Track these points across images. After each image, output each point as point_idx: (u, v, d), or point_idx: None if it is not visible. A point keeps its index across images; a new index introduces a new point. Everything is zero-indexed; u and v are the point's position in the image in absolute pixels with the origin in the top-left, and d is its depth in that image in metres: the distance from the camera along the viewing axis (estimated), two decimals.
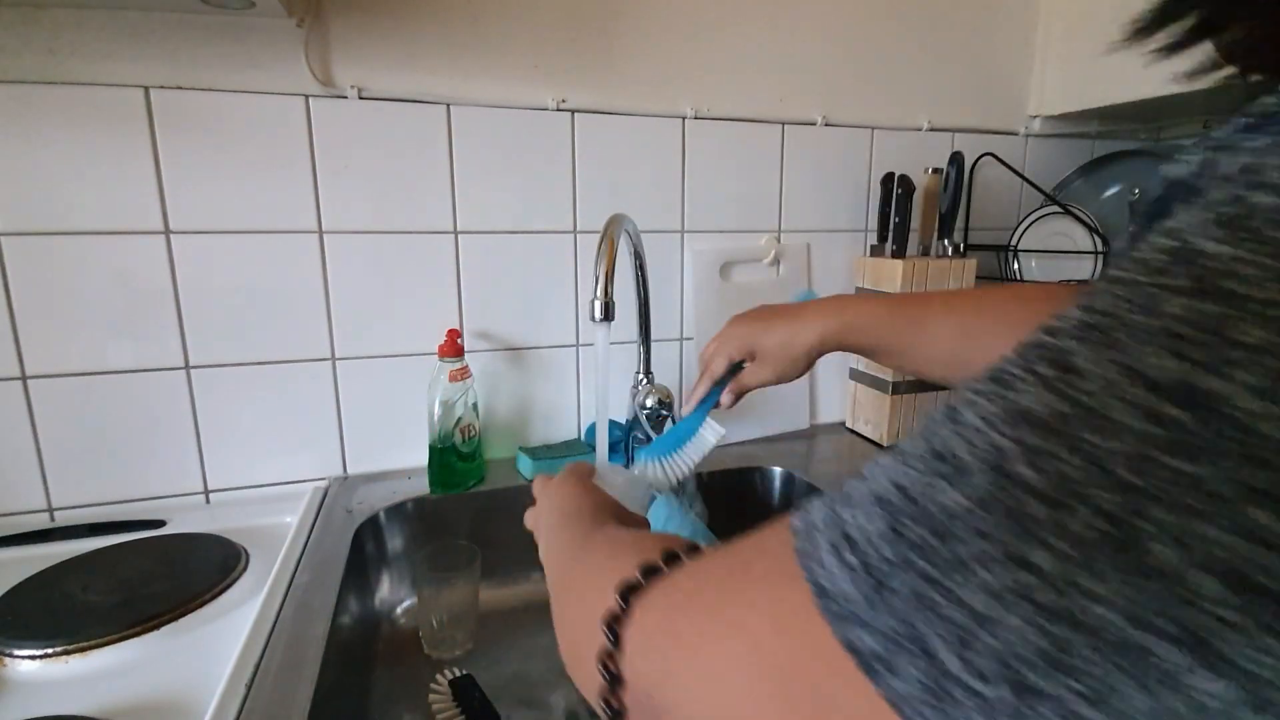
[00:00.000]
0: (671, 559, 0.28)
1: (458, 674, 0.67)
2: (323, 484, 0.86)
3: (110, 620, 0.58)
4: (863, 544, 0.19)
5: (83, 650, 0.56)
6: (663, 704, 0.25)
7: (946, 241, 1.00)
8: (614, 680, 0.27)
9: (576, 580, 0.35)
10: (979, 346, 0.52)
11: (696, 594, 0.25)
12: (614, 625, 0.27)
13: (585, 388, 0.97)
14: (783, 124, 0.99)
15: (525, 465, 0.89)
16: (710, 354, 0.65)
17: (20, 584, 0.64)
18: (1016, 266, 1.10)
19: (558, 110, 0.88)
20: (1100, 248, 1.01)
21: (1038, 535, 0.16)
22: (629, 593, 0.27)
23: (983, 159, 1.05)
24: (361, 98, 0.80)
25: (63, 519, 0.78)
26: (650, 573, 0.28)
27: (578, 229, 0.92)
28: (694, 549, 0.29)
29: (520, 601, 0.85)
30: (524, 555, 0.87)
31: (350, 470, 0.88)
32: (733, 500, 0.93)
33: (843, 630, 0.19)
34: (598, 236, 0.65)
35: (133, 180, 0.74)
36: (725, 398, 0.64)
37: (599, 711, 0.28)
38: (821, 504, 0.22)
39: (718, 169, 0.97)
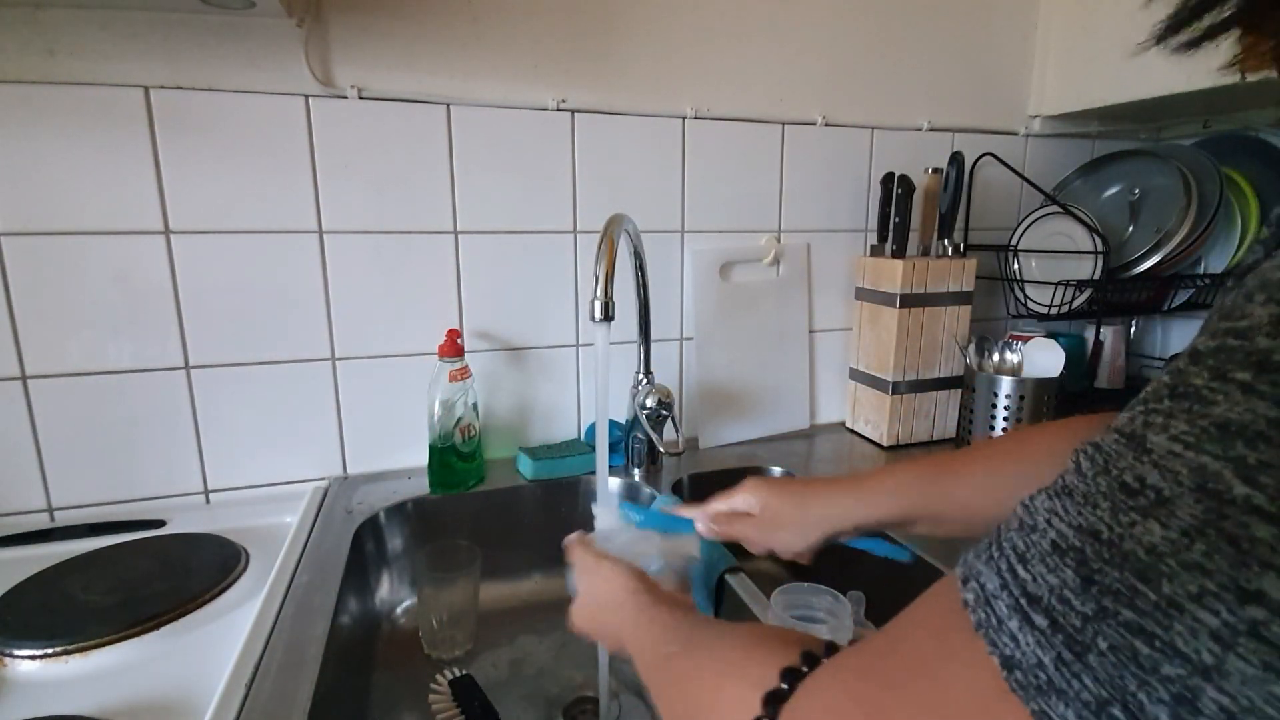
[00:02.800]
0: (810, 660, 0.27)
1: (458, 674, 0.67)
2: (323, 484, 0.86)
3: (110, 620, 0.58)
4: (1049, 600, 0.17)
5: (83, 650, 0.55)
6: None
7: (946, 241, 1.00)
8: None
9: (689, 673, 0.33)
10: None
11: (862, 694, 0.22)
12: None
13: (585, 388, 0.97)
14: (783, 124, 0.99)
15: (525, 465, 0.89)
16: (730, 494, 0.57)
17: (20, 584, 0.64)
18: (1016, 266, 1.10)
19: (558, 110, 0.88)
20: (1100, 247, 1.01)
21: (1269, 561, 0.14)
22: (774, 700, 0.26)
23: (983, 159, 1.05)
24: (361, 98, 0.80)
25: (63, 519, 0.78)
26: (793, 676, 0.26)
27: (578, 229, 0.92)
28: (832, 647, 0.28)
29: (520, 601, 0.85)
30: (524, 555, 0.88)
31: (350, 470, 0.88)
32: None
33: (1038, 703, 0.16)
34: (598, 236, 0.65)
35: (133, 180, 0.74)
36: (702, 528, 0.57)
37: None
38: (987, 566, 0.19)
39: (718, 169, 0.97)
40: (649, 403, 0.88)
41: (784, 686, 0.26)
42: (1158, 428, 0.17)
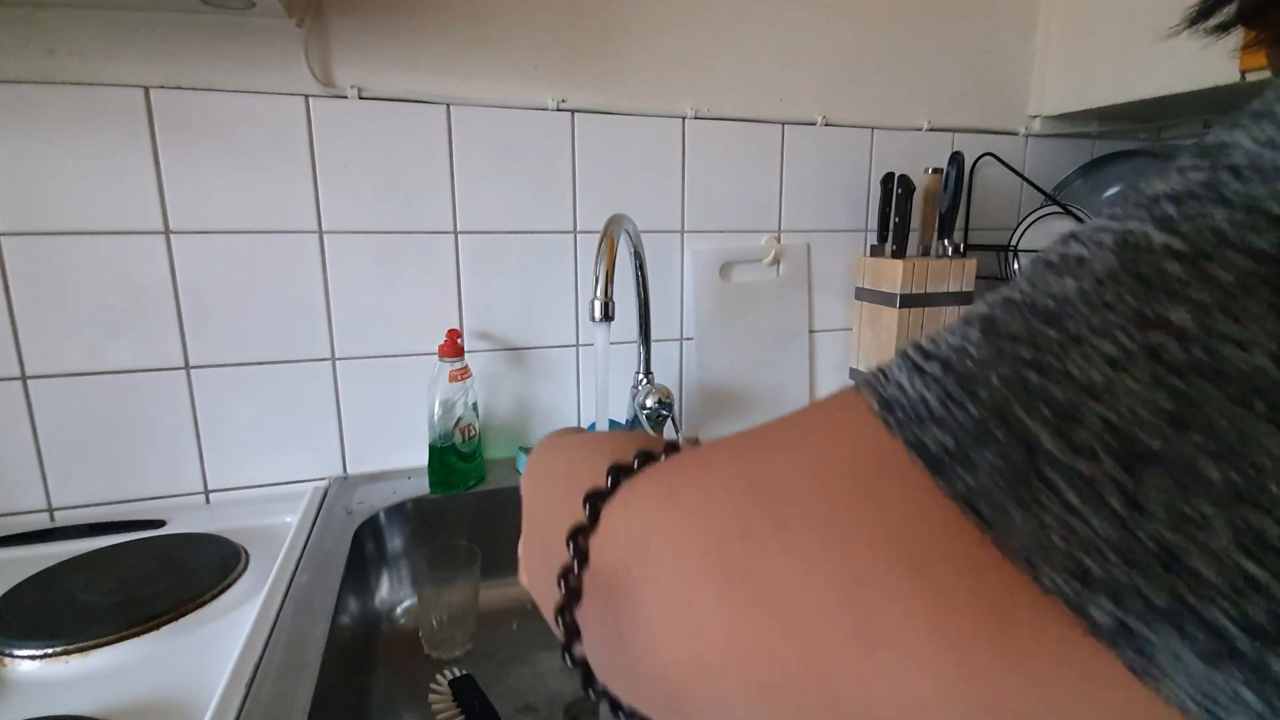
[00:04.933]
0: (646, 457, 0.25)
1: (458, 674, 0.67)
2: (323, 484, 0.86)
3: (110, 620, 0.58)
4: (945, 351, 0.17)
5: (83, 650, 0.56)
6: (628, 578, 0.21)
7: (946, 241, 1.00)
8: (580, 558, 0.23)
9: (557, 480, 0.30)
10: None
11: (715, 449, 0.21)
12: (596, 501, 0.24)
13: (585, 388, 0.97)
14: (783, 124, 0.99)
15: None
16: None
17: (20, 584, 0.64)
18: (1017, 266, 1.10)
19: (558, 110, 0.88)
20: None
21: (1175, 291, 0.14)
22: (619, 472, 0.24)
23: (983, 159, 1.05)
24: (361, 98, 0.80)
25: (63, 519, 0.78)
26: (647, 457, 0.24)
27: (578, 229, 0.92)
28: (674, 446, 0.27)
29: (520, 601, 0.85)
30: None
31: (350, 470, 0.88)
32: None
33: (908, 432, 0.16)
34: (598, 236, 0.65)
35: (133, 180, 0.74)
36: None
37: (557, 603, 0.24)
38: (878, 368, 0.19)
39: (718, 169, 0.97)
40: (649, 403, 0.88)
41: (633, 463, 0.24)
42: (1081, 226, 0.17)
